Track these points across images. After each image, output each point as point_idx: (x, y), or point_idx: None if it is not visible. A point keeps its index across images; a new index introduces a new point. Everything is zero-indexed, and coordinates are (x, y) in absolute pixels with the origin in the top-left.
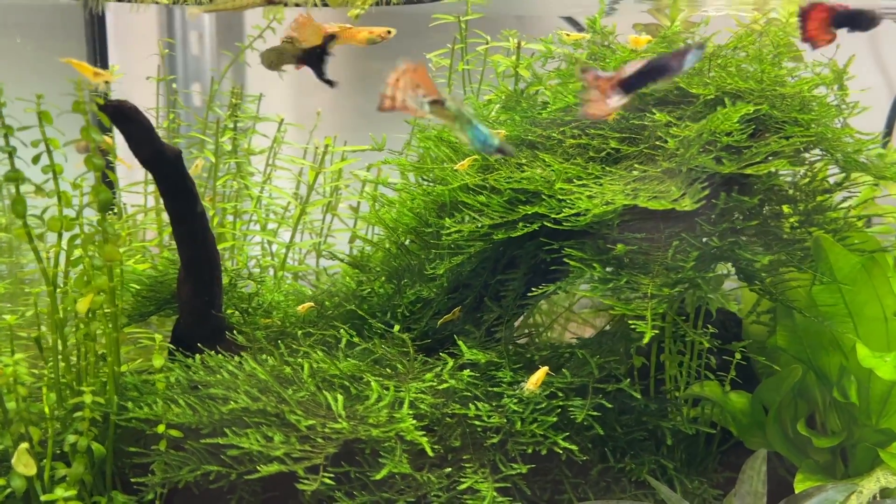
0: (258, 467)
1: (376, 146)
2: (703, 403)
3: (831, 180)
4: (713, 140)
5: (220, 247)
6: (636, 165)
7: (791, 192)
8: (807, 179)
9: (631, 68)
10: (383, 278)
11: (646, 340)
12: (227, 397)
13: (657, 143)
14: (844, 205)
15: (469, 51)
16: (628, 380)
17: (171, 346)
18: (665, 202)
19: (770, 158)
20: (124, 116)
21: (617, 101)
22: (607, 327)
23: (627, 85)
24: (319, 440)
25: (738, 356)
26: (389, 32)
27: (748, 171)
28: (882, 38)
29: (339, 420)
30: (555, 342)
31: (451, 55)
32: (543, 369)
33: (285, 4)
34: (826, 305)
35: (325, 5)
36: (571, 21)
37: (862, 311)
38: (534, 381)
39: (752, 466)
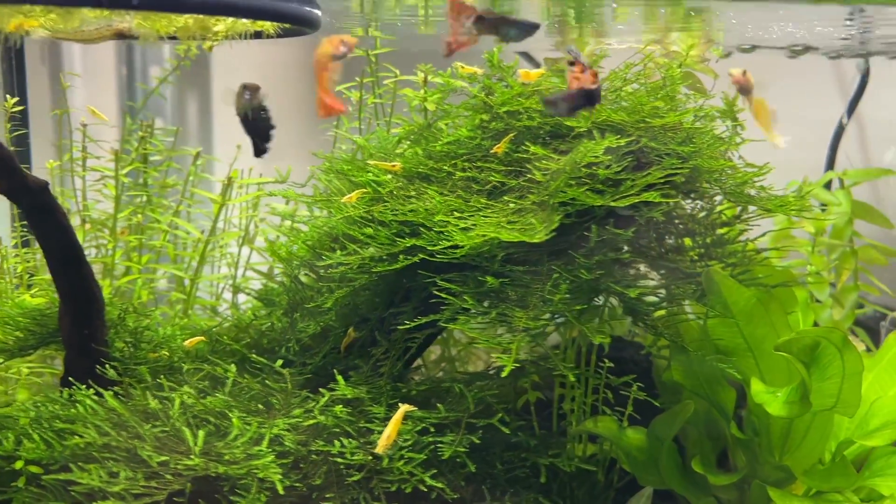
0: None
1: (281, 178)
2: (600, 440)
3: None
4: (593, 174)
5: (124, 280)
6: (507, 199)
7: (691, 225)
8: (704, 213)
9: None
10: (280, 312)
11: (504, 374)
12: (74, 432)
13: (531, 176)
14: (745, 238)
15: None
16: (501, 414)
17: (62, 380)
18: (520, 235)
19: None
20: None
21: (468, 28)
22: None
23: (485, 21)
24: (168, 476)
25: (634, 391)
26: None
27: (614, 203)
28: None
29: (193, 456)
30: (438, 377)
31: (361, 88)
32: (392, 423)
33: (134, 38)
34: (722, 340)
35: (173, 38)
36: (527, 56)
37: (761, 345)
38: (385, 439)
39: None
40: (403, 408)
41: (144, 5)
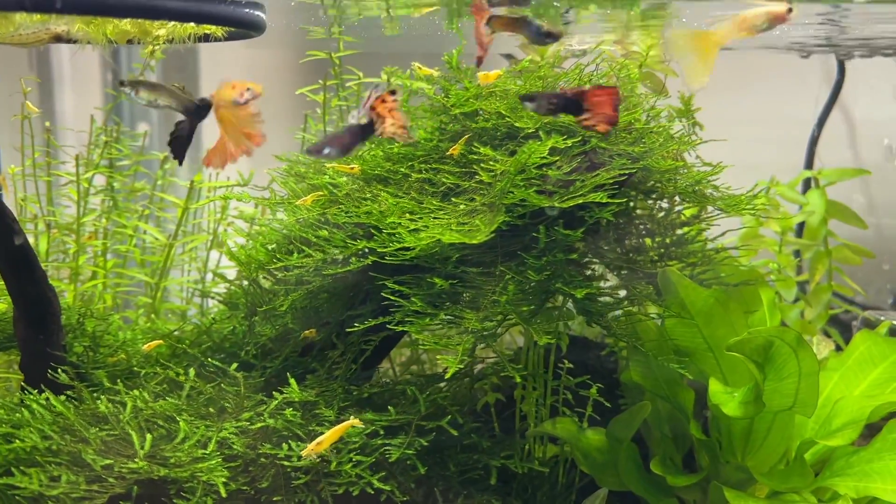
0: None
1: (243, 181)
2: (561, 441)
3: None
4: (544, 175)
5: (89, 285)
6: (457, 200)
7: (651, 225)
8: (662, 213)
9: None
10: (241, 315)
11: (448, 376)
12: (16, 436)
13: (480, 178)
14: (708, 238)
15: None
16: (449, 416)
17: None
18: (461, 236)
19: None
20: None
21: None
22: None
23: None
24: (111, 480)
25: (594, 392)
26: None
27: (561, 204)
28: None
29: (137, 460)
30: (393, 380)
31: (325, 90)
32: (332, 431)
33: (72, 41)
34: (682, 340)
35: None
36: (510, 58)
37: (721, 345)
38: (313, 445)
39: None
40: (351, 421)
41: (68, 9)
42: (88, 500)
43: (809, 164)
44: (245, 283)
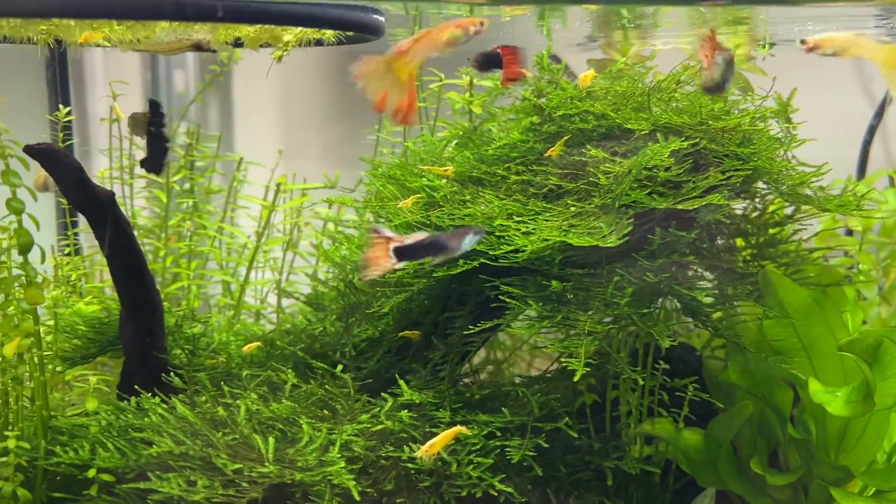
0: None
1: (329, 184)
2: (656, 441)
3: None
4: (652, 175)
5: (174, 286)
6: (569, 202)
7: (743, 225)
8: (757, 213)
9: (412, 238)
10: (334, 317)
11: (576, 378)
12: (151, 441)
13: (593, 179)
14: (796, 238)
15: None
16: (567, 418)
17: (119, 388)
18: (591, 239)
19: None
20: (53, 159)
21: (392, 263)
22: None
23: (403, 252)
24: (245, 484)
25: (691, 391)
26: None
27: (681, 206)
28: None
29: (267, 464)
30: (501, 380)
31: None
32: (443, 435)
33: (212, 51)
34: (778, 340)
35: (239, 46)
36: (553, 58)
37: (816, 345)
38: (427, 447)
39: None
40: (458, 428)
41: (229, 17)
42: None
43: (863, 161)
44: (337, 284)
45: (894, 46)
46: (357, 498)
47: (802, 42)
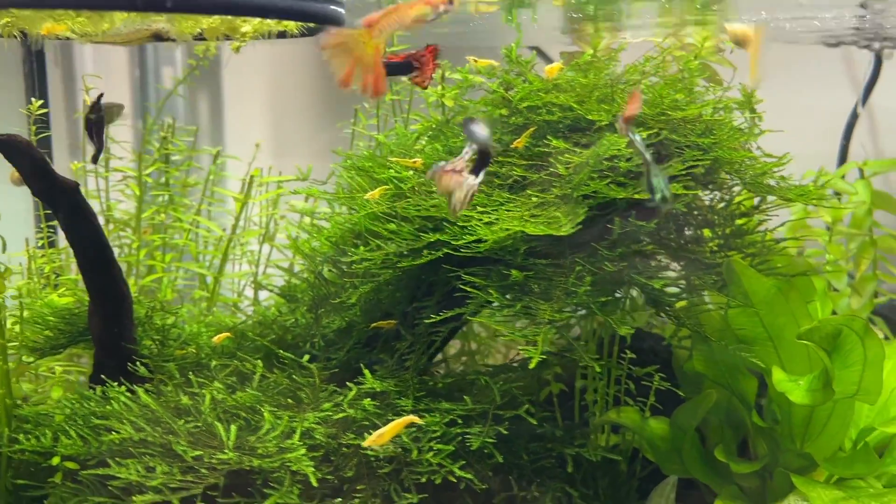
0: (133, 498)
1: (302, 176)
2: (622, 430)
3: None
4: (614, 166)
5: (149, 279)
6: (529, 192)
7: (710, 216)
8: (723, 204)
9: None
10: (304, 308)
11: (532, 366)
12: (111, 428)
13: (553, 170)
14: (764, 229)
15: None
16: (527, 405)
17: (91, 379)
18: (546, 228)
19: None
20: (14, 150)
21: (472, 181)
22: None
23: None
24: (203, 470)
25: (657, 381)
26: None
27: (637, 195)
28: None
29: (227, 451)
30: (462, 371)
31: None
32: (393, 424)
33: (172, 41)
34: (742, 329)
35: (201, 38)
36: (539, 52)
37: (782, 334)
38: (375, 437)
39: (660, 493)
40: (409, 417)
41: (180, 7)
42: (185, 490)
43: (844, 155)
44: (307, 275)
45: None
46: (315, 484)
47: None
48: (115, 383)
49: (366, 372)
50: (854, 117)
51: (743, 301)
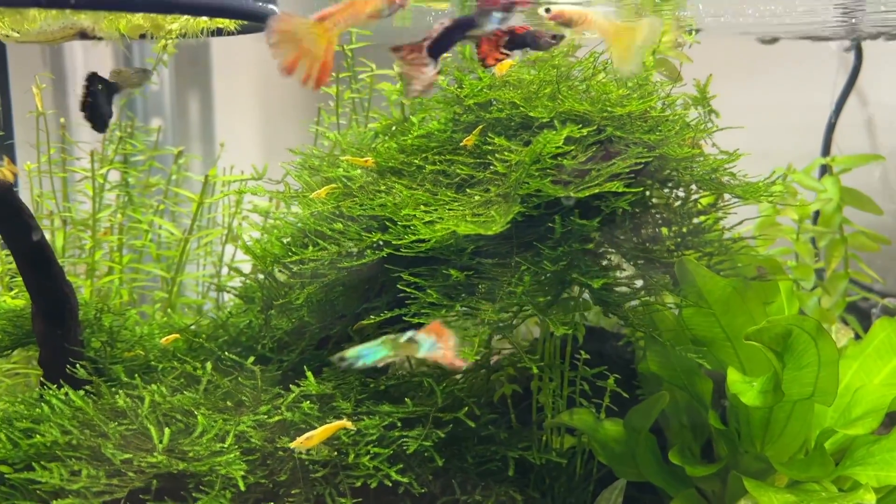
0: (54, 503)
1: (256, 175)
2: (578, 433)
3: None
4: (559, 164)
5: (105, 280)
6: (470, 191)
7: (667, 214)
8: (679, 202)
9: (434, 32)
10: (258, 309)
11: (465, 367)
12: (37, 431)
13: (494, 168)
14: (733, 228)
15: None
16: (466, 408)
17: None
18: (475, 227)
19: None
20: None
21: (433, 68)
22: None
23: (433, 48)
24: (130, 474)
25: (611, 383)
26: None
27: (576, 194)
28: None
29: (156, 454)
30: (409, 373)
31: (338, 83)
32: (323, 428)
33: (98, 39)
34: (700, 330)
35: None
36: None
37: (740, 335)
38: (303, 439)
39: (606, 498)
40: (341, 422)
41: (83, 4)
42: (108, 494)
43: (826, 151)
44: (261, 276)
45: (622, 24)
46: (243, 488)
47: (547, 10)
48: (55, 385)
49: (309, 375)
50: (837, 112)
51: (697, 301)
